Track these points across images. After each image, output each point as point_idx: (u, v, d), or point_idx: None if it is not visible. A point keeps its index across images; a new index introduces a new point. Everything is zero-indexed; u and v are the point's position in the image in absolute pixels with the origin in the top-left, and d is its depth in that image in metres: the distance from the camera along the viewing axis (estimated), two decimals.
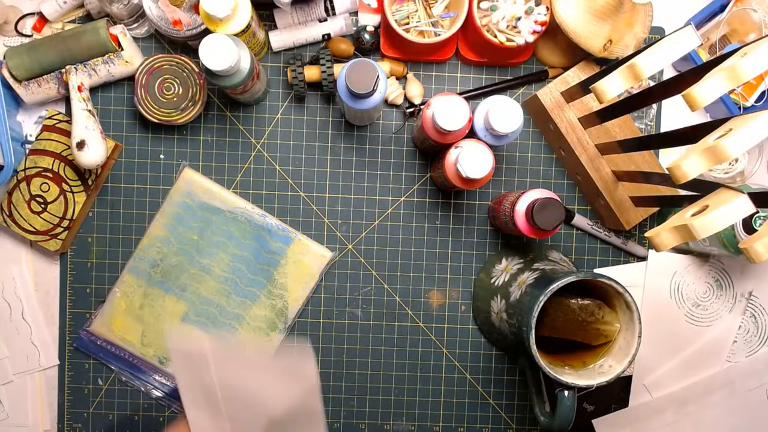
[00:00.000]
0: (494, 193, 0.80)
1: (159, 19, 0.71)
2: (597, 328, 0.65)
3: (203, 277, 0.77)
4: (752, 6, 0.76)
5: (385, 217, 0.80)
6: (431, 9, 0.74)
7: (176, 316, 0.77)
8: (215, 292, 0.77)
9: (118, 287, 0.77)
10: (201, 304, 0.77)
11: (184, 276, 0.77)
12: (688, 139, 0.57)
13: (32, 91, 0.74)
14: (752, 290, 0.79)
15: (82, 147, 0.70)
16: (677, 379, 0.79)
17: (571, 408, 0.62)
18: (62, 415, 0.79)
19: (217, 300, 0.77)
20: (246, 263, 0.77)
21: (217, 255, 0.77)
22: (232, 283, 0.77)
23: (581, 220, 0.79)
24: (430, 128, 0.67)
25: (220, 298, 0.77)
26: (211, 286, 0.77)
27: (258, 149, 0.79)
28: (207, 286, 0.77)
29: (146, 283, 0.77)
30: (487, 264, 0.79)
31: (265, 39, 0.77)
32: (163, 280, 0.77)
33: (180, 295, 0.77)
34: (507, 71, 0.80)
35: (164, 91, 0.74)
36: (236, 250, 0.77)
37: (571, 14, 0.70)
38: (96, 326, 0.77)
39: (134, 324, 0.77)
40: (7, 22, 0.76)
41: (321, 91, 0.79)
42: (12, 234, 0.78)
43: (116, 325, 0.77)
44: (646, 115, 0.80)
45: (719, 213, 0.49)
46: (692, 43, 0.55)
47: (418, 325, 0.80)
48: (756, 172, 0.78)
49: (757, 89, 0.77)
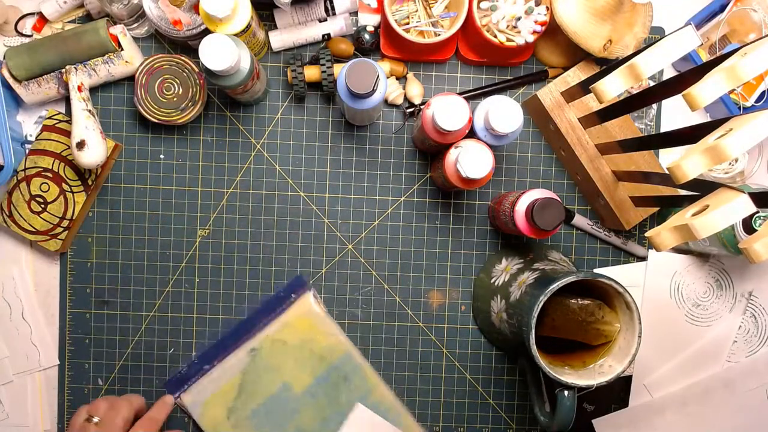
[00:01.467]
0: (494, 193, 0.80)
1: (159, 19, 0.71)
2: (597, 328, 0.65)
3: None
4: (752, 6, 0.76)
5: (385, 217, 0.80)
6: (431, 9, 0.74)
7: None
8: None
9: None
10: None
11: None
12: (688, 139, 0.57)
13: (32, 91, 0.74)
14: (752, 290, 0.79)
15: (82, 147, 0.70)
16: (677, 379, 0.79)
17: (571, 408, 0.62)
18: (62, 415, 0.79)
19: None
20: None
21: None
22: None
23: (581, 220, 0.79)
24: (430, 128, 0.67)
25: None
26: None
27: (258, 149, 0.79)
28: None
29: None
30: (487, 264, 0.79)
31: (265, 39, 0.77)
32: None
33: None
34: (507, 71, 0.80)
35: (164, 91, 0.74)
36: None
37: (571, 14, 0.70)
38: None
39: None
40: (7, 22, 0.76)
41: (321, 91, 0.79)
42: (12, 234, 0.78)
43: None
44: (646, 115, 0.80)
45: (719, 213, 0.49)
46: (692, 43, 0.55)
47: (418, 325, 0.80)
48: (756, 172, 0.78)
49: (757, 89, 0.77)
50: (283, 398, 0.77)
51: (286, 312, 0.78)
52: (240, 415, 0.77)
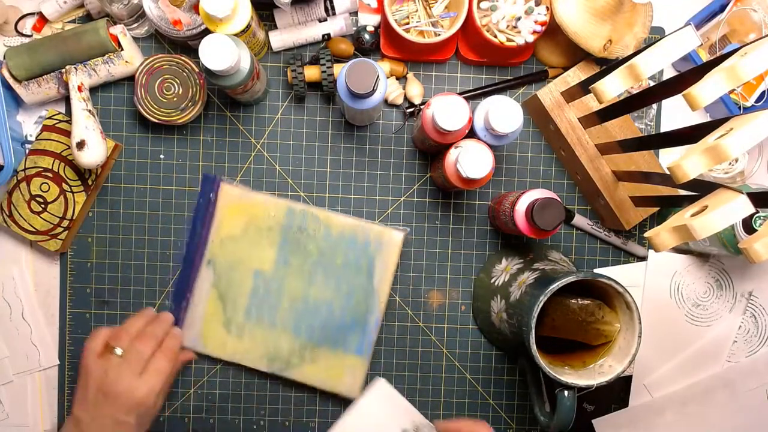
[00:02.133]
0: (494, 193, 0.80)
1: (159, 19, 0.71)
2: (597, 328, 0.65)
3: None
4: (752, 6, 0.76)
5: (385, 217, 0.80)
6: (431, 9, 0.74)
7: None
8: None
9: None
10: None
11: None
12: (688, 139, 0.57)
13: (32, 91, 0.74)
14: (752, 290, 0.79)
15: (82, 147, 0.70)
16: (677, 379, 0.79)
17: (571, 408, 0.62)
18: (62, 415, 0.79)
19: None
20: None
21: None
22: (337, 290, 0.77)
23: (581, 220, 0.79)
24: (430, 128, 0.67)
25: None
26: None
27: (258, 149, 0.79)
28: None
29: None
30: (487, 264, 0.79)
31: (265, 39, 0.77)
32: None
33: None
34: (507, 71, 0.80)
35: (164, 91, 0.74)
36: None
37: (571, 14, 0.70)
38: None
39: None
40: (7, 22, 0.76)
41: (321, 91, 0.79)
42: (12, 234, 0.78)
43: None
44: (646, 115, 0.80)
45: (719, 213, 0.49)
46: (692, 43, 0.55)
47: (418, 325, 0.80)
48: (756, 172, 0.78)
49: (757, 89, 0.77)
50: (262, 284, 0.77)
51: (216, 211, 0.77)
52: (237, 322, 0.77)
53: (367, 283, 0.76)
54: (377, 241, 0.76)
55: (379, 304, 0.77)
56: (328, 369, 0.77)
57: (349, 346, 0.77)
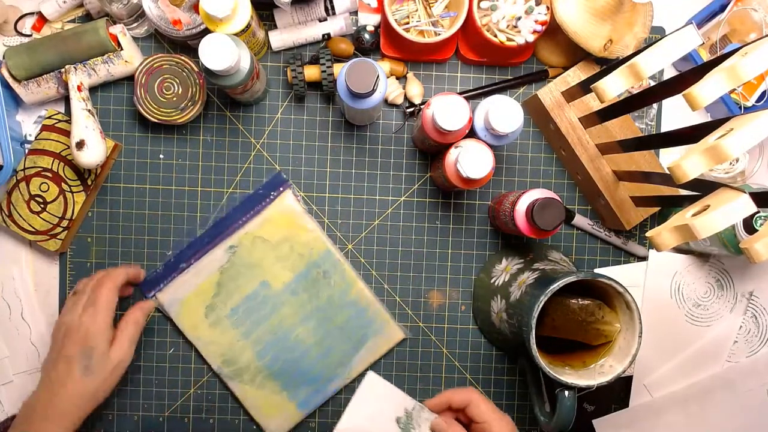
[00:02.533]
0: (494, 193, 0.80)
1: (159, 18, 0.71)
2: (597, 328, 0.65)
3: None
4: (753, 6, 0.76)
5: (385, 217, 0.80)
6: (431, 9, 0.74)
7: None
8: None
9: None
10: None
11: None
12: (689, 139, 0.57)
13: (32, 90, 0.74)
14: (753, 290, 0.79)
15: (81, 147, 0.70)
16: (677, 379, 0.79)
17: (571, 408, 0.62)
18: None
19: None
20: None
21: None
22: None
23: (581, 220, 0.79)
24: (430, 128, 0.66)
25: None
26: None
27: (258, 149, 0.79)
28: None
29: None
30: (487, 264, 0.79)
31: (265, 39, 0.77)
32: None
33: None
34: (507, 71, 0.80)
35: (164, 90, 0.74)
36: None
37: (571, 14, 0.70)
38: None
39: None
40: (7, 22, 0.76)
41: (321, 91, 0.79)
42: (12, 234, 0.78)
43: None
44: (647, 114, 0.80)
45: (720, 213, 0.49)
46: (693, 43, 0.55)
47: (418, 325, 0.80)
48: (756, 171, 0.78)
49: (757, 89, 0.77)
50: (262, 296, 0.77)
51: (266, 209, 0.77)
52: (219, 313, 0.77)
53: (349, 352, 0.77)
54: (381, 326, 0.78)
55: (346, 377, 0.78)
56: (266, 402, 0.77)
57: (296, 395, 0.77)
